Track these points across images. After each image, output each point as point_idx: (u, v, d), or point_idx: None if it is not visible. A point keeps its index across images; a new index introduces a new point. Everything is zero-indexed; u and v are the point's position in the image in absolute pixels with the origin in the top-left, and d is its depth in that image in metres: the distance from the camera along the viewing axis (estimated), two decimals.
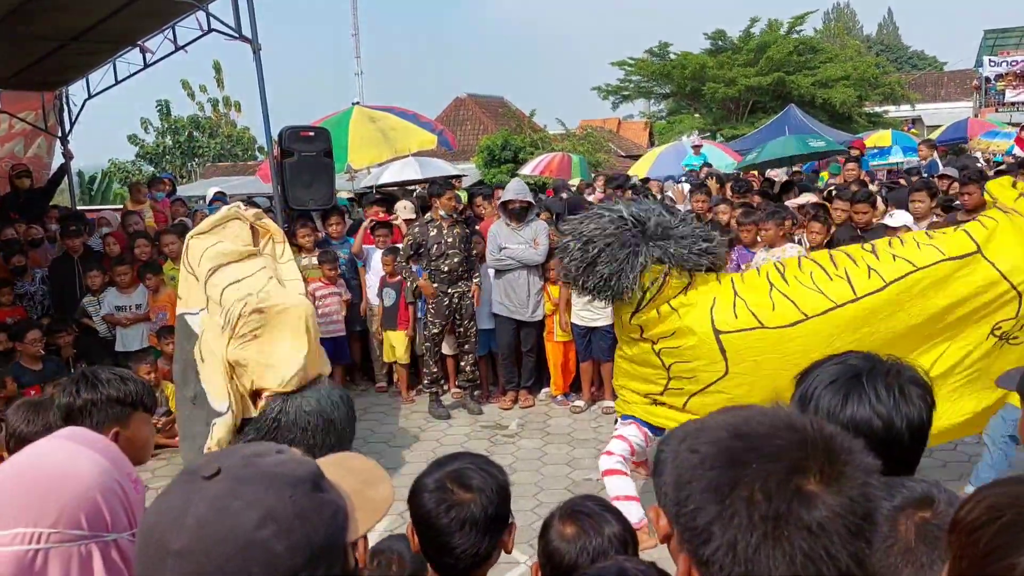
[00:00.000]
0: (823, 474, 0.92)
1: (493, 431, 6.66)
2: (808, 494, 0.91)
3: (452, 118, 29.02)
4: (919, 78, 38.26)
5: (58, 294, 7.79)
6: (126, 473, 1.29)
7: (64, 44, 9.18)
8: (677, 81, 30.62)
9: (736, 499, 0.91)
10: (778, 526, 0.89)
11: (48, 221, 9.16)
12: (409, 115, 12.19)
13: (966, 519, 0.98)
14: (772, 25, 30.11)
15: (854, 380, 1.57)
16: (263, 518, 0.94)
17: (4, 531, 1.15)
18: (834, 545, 0.89)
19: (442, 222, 6.85)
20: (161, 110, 33.74)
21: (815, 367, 1.67)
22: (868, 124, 27.67)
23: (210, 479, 0.97)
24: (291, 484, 0.98)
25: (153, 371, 6.71)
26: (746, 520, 0.90)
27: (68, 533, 1.16)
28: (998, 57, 29.95)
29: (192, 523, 0.93)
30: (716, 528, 0.92)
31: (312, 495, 1.00)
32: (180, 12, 8.34)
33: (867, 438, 1.47)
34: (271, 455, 1.03)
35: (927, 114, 32.41)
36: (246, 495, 0.95)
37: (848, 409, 1.54)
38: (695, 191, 8.42)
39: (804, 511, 0.90)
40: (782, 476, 0.91)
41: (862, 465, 0.96)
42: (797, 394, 1.64)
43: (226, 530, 0.92)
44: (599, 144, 25.71)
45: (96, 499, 1.19)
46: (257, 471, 0.99)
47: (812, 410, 1.57)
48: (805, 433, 0.96)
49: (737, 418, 1.00)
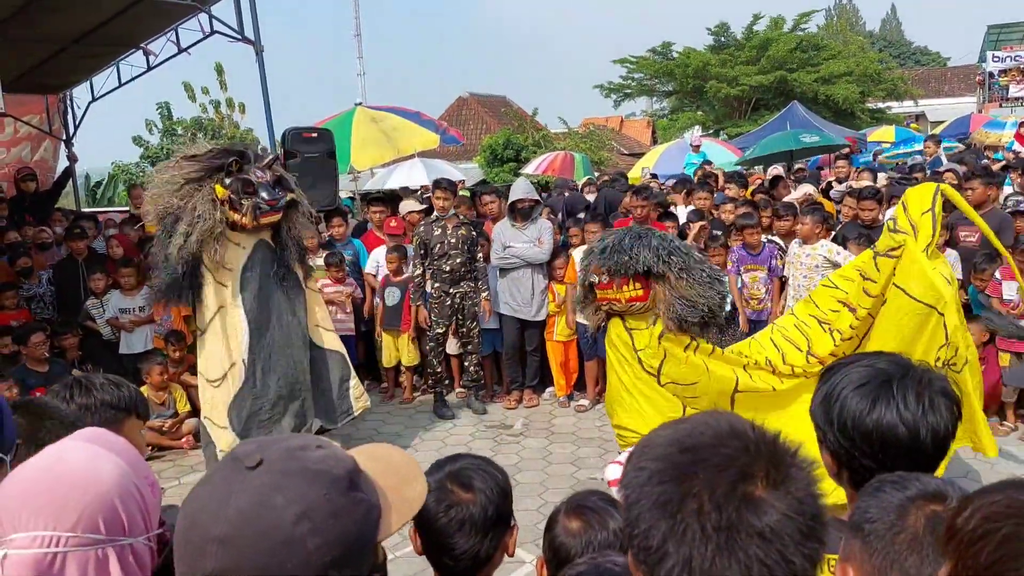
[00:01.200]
0: (769, 478, 0.92)
1: (498, 431, 6.66)
2: (757, 500, 0.90)
3: (455, 118, 29.05)
4: (922, 74, 38.22)
5: (63, 296, 7.80)
6: (144, 476, 1.30)
7: (67, 47, 9.21)
8: (679, 79, 30.60)
9: (686, 512, 0.91)
10: (731, 536, 0.89)
11: (52, 224, 9.18)
12: (412, 114, 12.19)
13: (964, 528, 0.98)
14: (776, 22, 30.07)
15: (884, 386, 1.55)
16: (301, 515, 0.97)
17: (23, 533, 1.15)
18: (788, 548, 0.89)
19: (447, 222, 6.84)
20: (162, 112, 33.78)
21: (841, 365, 1.65)
22: (871, 120, 27.63)
23: (253, 469, 1.00)
24: (329, 482, 1.01)
25: (164, 372, 6.74)
26: (699, 533, 0.89)
27: (86, 537, 1.17)
28: (1002, 52, 29.86)
29: (234, 513, 0.96)
30: (670, 545, 0.91)
31: (348, 494, 1.03)
32: (182, 14, 8.37)
33: (890, 444, 1.47)
34: (313, 450, 1.06)
35: (931, 110, 32.36)
36: (287, 490, 0.98)
37: (874, 413, 1.52)
38: (697, 190, 8.40)
39: (755, 517, 0.89)
40: (730, 485, 0.91)
41: (805, 464, 0.96)
42: (821, 393, 1.62)
43: (267, 524, 0.95)
44: (602, 142, 25.69)
45: (114, 503, 1.20)
46: (299, 466, 1.01)
47: (836, 410, 1.56)
48: (748, 439, 0.96)
49: (681, 431, 0.99)
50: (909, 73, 34.77)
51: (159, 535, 1.29)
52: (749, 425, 0.98)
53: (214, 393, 5.41)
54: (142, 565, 1.23)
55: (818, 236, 6.33)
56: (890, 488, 1.35)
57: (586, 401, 7.07)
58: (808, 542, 0.91)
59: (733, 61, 29.21)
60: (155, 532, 1.28)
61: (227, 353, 5.42)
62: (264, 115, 7.84)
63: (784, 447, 0.96)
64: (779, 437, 0.98)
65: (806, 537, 0.90)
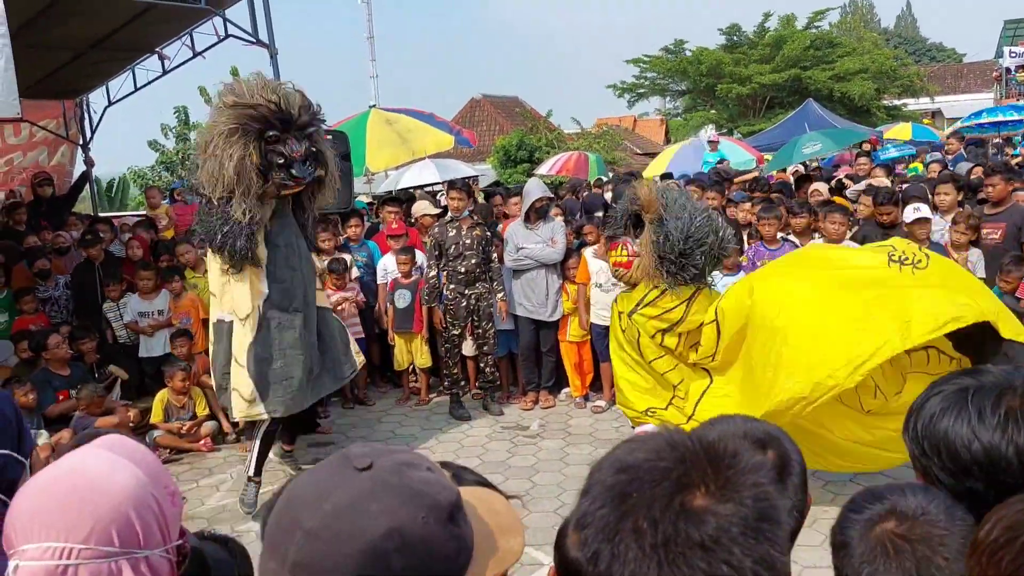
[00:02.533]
0: (708, 485, 0.89)
1: (514, 432, 6.64)
2: (694, 510, 0.87)
3: (468, 119, 29.07)
4: (938, 70, 37.94)
5: (80, 301, 7.84)
6: (163, 486, 1.27)
7: (83, 52, 9.27)
8: (693, 77, 30.50)
9: (624, 533, 0.88)
10: (669, 551, 0.86)
11: (69, 228, 9.24)
12: (425, 116, 12.20)
13: (985, 540, 0.97)
14: (787, 20, 29.92)
15: (959, 394, 1.44)
16: (391, 530, 0.94)
17: (35, 544, 1.13)
18: (734, 556, 0.85)
19: (461, 223, 6.83)
20: (179, 116, 34.00)
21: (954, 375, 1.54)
22: (887, 117, 27.46)
23: (360, 472, 0.98)
24: (428, 506, 0.98)
25: (187, 377, 6.76)
26: (638, 553, 0.87)
27: (99, 549, 1.14)
28: (1019, 47, 29.57)
29: (329, 509, 0.95)
30: (616, 569, 0.88)
31: (445, 524, 0.99)
32: (197, 18, 8.41)
33: (959, 458, 1.36)
34: (421, 470, 1.03)
35: (947, 106, 32.12)
36: (385, 501, 0.96)
37: (944, 422, 1.42)
38: (709, 188, 8.36)
39: (693, 529, 0.86)
40: (666, 498, 0.88)
41: (748, 466, 0.92)
42: (918, 400, 1.53)
43: (356, 529, 0.93)
44: (615, 142, 25.65)
45: (129, 514, 1.18)
46: (403, 482, 0.99)
47: (914, 417, 1.48)
48: (685, 449, 0.93)
49: (623, 451, 0.97)
50: (925, 69, 34.54)
51: (179, 546, 1.27)
52: (689, 435, 0.95)
53: (240, 328, 5.34)
54: None
55: (843, 236, 6.29)
56: (850, 511, 1.37)
57: (603, 402, 7.04)
58: (758, 545, 0.87)
59: (746, 60, 29.09)
60: (174, 544, 1.25)
61: (250, 297, 5.31)
62: None
63: (724, 450, 0.93)
64: (718, 441, 0.94)
65: (755, 541, 0.87)
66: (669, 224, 4.60)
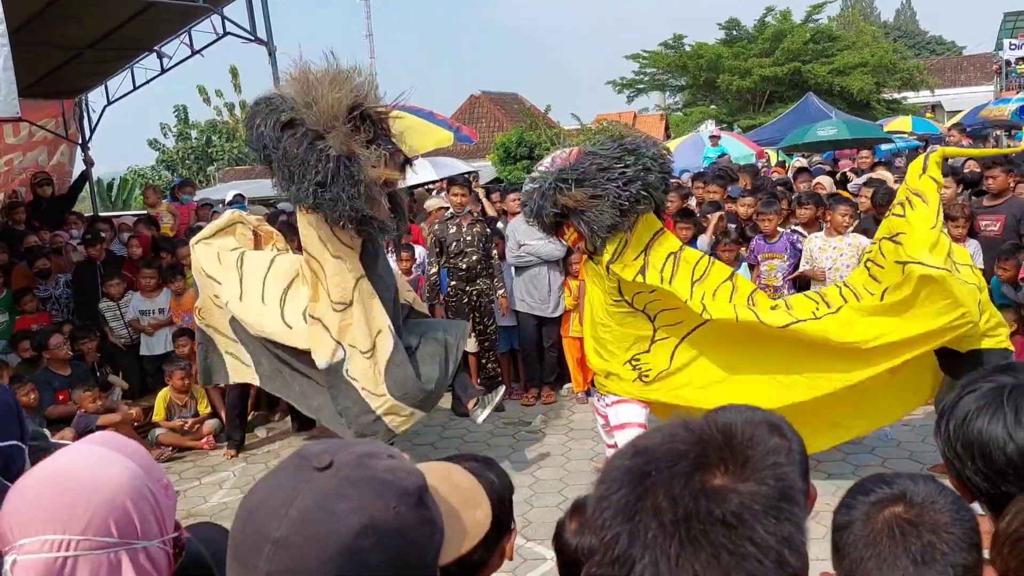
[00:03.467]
0: (727, 465, 0.89)
1: (516, 427, 6.65)
2: (715, 488, 0.87)
3: (467, 116, 29.02)
4: (938, 63, 37.87)
5: (81, 300, 7.85)
6: (157, 479, 1.26)
7: (82, 52, 9.26)
8: (692, 72, 30.45)
9: (643, 512, 0.88)
10: (691, 527, 0.85)
11: (68, 228, 9.24)
12: (425, 113, 12.18)
13: (1008, 530, 0.97)
14: (784, 14, 29.86)
15: (995, 392, 1.39)
16: (365, 527, 0.92)
17: (32, 538, 1.13)
18: (757, 533, 0.85)
19: (462, 220, 6.83)
20: (179, 115, 34.00)
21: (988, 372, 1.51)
22: (887, 111, 27.41)
23: (321, 471, 0.95)
24: (397, 494, 0.96)
25: (187, 376, 6.77)
26: (658, 531, 0.86)
27: (97, 540, 1.14)
28: (1018, 40, 29.47)
29: (296, 515, 0.91)
30: (635, 550, 0.88)
31: (416, 510, 0.98)
32: (195, 16, 8.40)
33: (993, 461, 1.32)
34: (383, 458, 1.01)
35: (947, 99, 32.08)
36: (352, 498, 0.93)
37: (978, 422, 1.37)
38: (711, 182, 8.35)
39: (715, 506, 0.86)
40: (685, 477, 0.88)
41: (767, 448, 0.92)
42: (948, 398, 1.51)
43: (327, 532, 0.91)
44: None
45: (126, 505, 1.17)
46: (367, 474, 0.97)
47: (947, 417, 1.44)
48: (702, 431, 0.93)
49: (639, 437, 0.98)
50: (924, 63, 34.44)
51: (175, 539, 1.26)
52: (705, 419, 0.96)
53: (364, 364, 4.99)
54: (158, 569, 1.20)
55: (848, 228, 6.28)
56: (857, 493, 1.37)
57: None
58: (781, 524, 0.87)
59: (746, 54, 29.04)
60: (170, 536, 1.25)
61: (370, 321, 4.99)
62: None
63: (742, 432, 0.93)
64: (734, 424, 0.95)
65: (777, 520, 0.87)
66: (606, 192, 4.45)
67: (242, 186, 19.38)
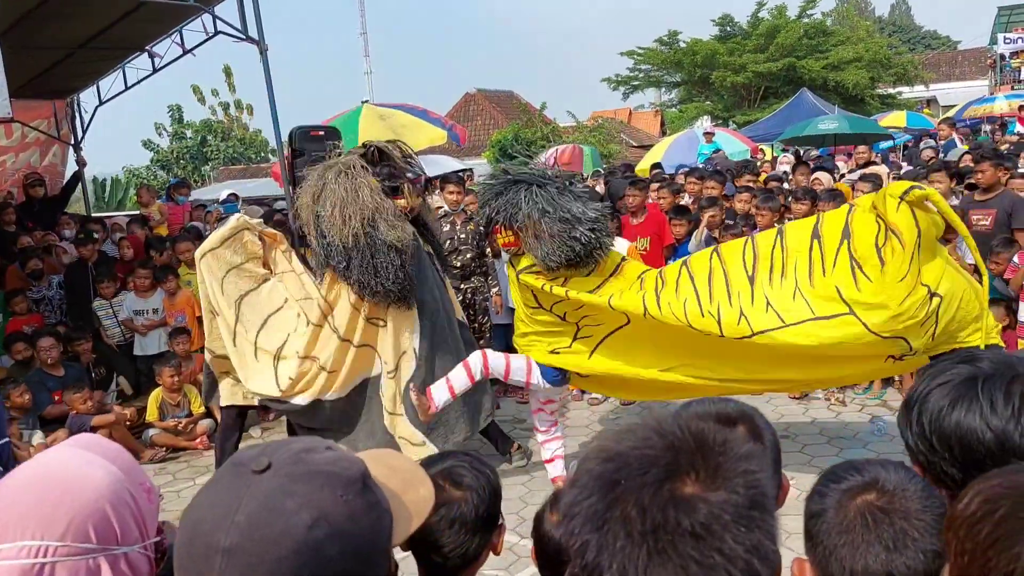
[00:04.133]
0: (698, 473, 0.88)
1: (511, 425, 6.63)
2: (684, 498, 0.86)
3: (462, 114, 29.01)
4: (933, 57, 37.87)
5: (73, 301, 7.83)
6: (139, 483, 1.25)
7: (73, 52, 9.23)
8: (687, 68, 30.47)
9: (612, 521, 0.87)
10: (659, 539, 0.84)
11: (62, 228, 9.22)
12: (419, 111, 12.16)
13: (963, 514, 0.96)
14: (780, 10, 29.88)
15: (968, 383, 1.38)
16: (316, 519, 0.91)
17: (9, 544, 1.11)
18: (726, 544, 0.84)
19: (455, 218, 6.82)
20: (173, 115, 33.96)
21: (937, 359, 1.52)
22: (882, 106, 27.45)
23: (260, 473, 0.94)
24: (343, 484, 0.96)
25: (176, 374, 6.75)
26: (626, 541, 0.85)
27: (76, 546, 1.12)
28: (1013, 34, 29.58)
29: (243, 520, 0.90)
30: (604, 559, 0.86)
31: (362, 496, 0.97)
32: (186, 15, 8.37)
33: (973, 451, 1.32)
34: (321, 451, 1.00)
35: (942, 94, 32.10)
36: (299, 494, 0.92)
37: (954, 415, 1.36)
38: (710, 178, 8.34)
39: (683, 516, 0.84)
40: (655, 486, 0.87)
41: (739, 454, 0.90)
42: (912, 391, 1.49)
43: (279, 531, 0.89)
44: (611, 135, 25.63)
45: (106, 510, 1.15)
46: (309, 468, 0.96)
47: (916, 411, 1.43)
48: (674, 436, 0.91)
49: (609, 439, 0.95)
50: (919, 57, 34.47)
51: (157, 543, 1.25)
52: (678, 423, 0.94)
53: (388, 383, 5.13)
54: (138, 575, 1.19)
55: None
56: (827, 482, 1.38)
57: (599, 395, 7.02)
58: (750, 534, 0.85)
59: (741, 50, 29.06)
60: (152, 541, 1.23)
61: (397, 343, 5.11)
62: (271, 114, 7.84)
63: (714, 438, 0.91)
64: (708, 429, 0.93)
65: (747, 529, 0.85)
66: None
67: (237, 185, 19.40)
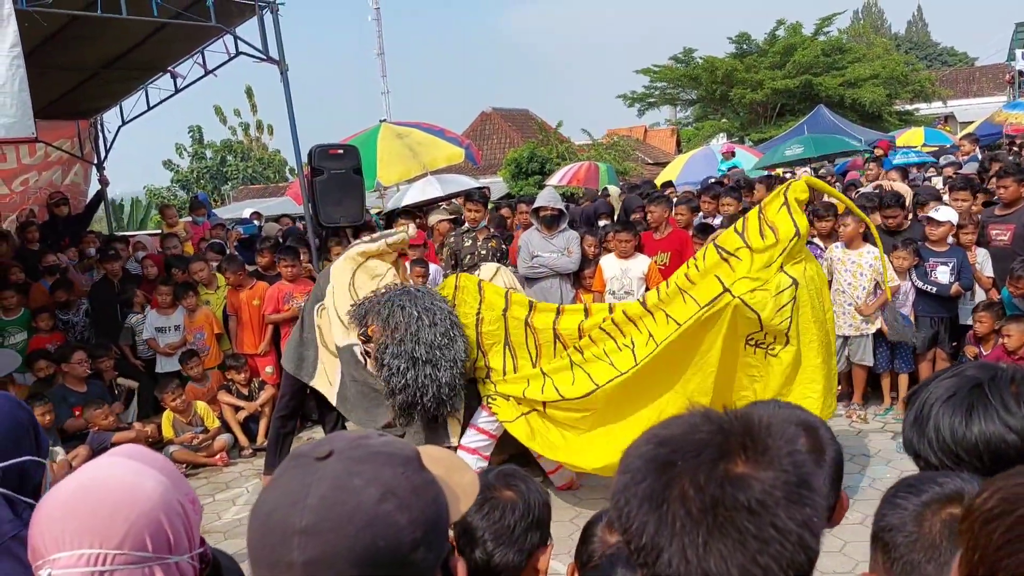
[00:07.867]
0: (748, 453, 0.92)
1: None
2: (739, 475, 0.90)
3: (479, 132, 29.14)
4: (950, 74, 37.73)
5: (98, 317, 7.89)
6: (185, 493, 1.26)
7: (96, 73, 9.37)
8: (705, 85, 30.48)
9: (671, 500, 0.91)
10: (718, 514, 0.89)
11: (86, 246, 9.32)
12: (436, 130, 12.22)
13: (980, 509, 0.95)
14: (795, 27, 29.90)
15: (976, 391, 1.39)
16: (384, 493, 0.95)
17: (69, 552, 1.12)
18: (779, 519, 0.89)
19: (477, 234, 6.89)
20: (194, 135, 34.35)
21: (927, 383, 1.50)
22: (899, 123, 27.33)
23: (323, 460, 0.98)
24: (402, 461, 1.00)
25: (178, 397, 6.77)
26: (686, 518, 0.90)
27: (133, 555, 1.13)
28: None
29: (315, 502, 0.94)
30: (663, 538, 0.91)
31: (420, 473, 1.02)
32: (208, 36, 8.47)
33: (1002, 455, 1.31)
34: (374, 437, 1.05)
35: (959, 110, 31.92)
36: (364, 473, 0.96)
37: (975, 426, 1.36)
38: (726, 195, 8.34)
39: (739, 492, 0.89)
40: (709, 466, 0.91)
41: (784, 436, 0.96)
42: (911, 415, 1.49)
43: (351, 507, 0.93)
44: (626, 153, 25.64)
45: (160, 519, 1.17)
46: (368, 451, 1.00)
47: (931, 430, 1.41)
48: (722, 421, 0.97)
49: (658, 427, 1.01)
50: (936, 74, 34.33)
51: (201, 554, 1.26)
52: (724, 409, 1.00)
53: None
54: None
55: (861, 240, 6.28)
56: (905, 493, 1.31)
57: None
58: (801, 509, 0.90)
59: (758, 66, 29.07)
60: (198, 551, 1.25)
61: None
62: (290, 133, 7.93)
63: (760, 421, 0.96)
64: (752, 414, 0.98)
65: (797, 505, 0.90)
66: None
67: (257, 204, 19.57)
